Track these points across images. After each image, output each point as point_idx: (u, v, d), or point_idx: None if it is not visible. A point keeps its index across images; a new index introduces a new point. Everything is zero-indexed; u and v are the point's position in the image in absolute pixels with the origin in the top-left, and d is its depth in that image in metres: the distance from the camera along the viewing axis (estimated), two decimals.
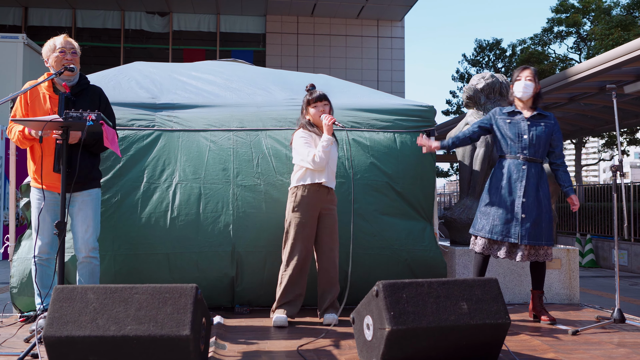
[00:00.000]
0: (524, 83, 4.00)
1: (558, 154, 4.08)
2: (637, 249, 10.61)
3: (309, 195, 3.87)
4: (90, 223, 3.55)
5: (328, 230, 3.93)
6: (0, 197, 10.21)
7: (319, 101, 3.97)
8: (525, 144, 3.95)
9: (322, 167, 3.85)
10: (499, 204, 3.96)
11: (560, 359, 3.03)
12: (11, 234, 4.45)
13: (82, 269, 3.56)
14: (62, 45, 3.47)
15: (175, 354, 2.54)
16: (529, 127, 3.97)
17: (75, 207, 3.52)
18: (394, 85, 18.84)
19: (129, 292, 2.65)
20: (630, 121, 12.47)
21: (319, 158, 3.79)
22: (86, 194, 3.55)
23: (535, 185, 3.94)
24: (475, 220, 4.12)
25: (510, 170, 3.97)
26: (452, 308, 2.80)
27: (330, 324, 3.73)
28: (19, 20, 17.97)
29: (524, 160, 3.95)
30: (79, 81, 3.57)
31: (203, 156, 4.35)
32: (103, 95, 3.68)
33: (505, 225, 3.91)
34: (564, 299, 4.97)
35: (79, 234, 3.54)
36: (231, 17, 18.76)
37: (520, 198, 3.91)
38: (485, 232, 3.99)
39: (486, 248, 4.02)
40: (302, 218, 3.86)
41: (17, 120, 3.28)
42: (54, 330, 2.54)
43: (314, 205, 3.88)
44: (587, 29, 20.44)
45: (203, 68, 5.40)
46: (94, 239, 3.57)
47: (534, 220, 3.89)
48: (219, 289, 4.21)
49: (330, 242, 3.94)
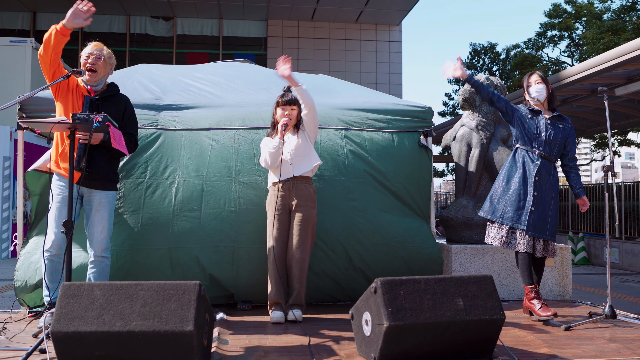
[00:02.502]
0: (536, 87, 4.08)
1: (571, 157, 4.14)
2: (628, 247, 10.61)
3: (274, 194, 3.95)
4: (105, 225, 3.59)
5: (295, 227, 3.89)
6: (9, 196, 10.21)
7: (287, 105, 3.99)
8: (542, 141, 4.00)
9: (272, 167, 3.95)
10: (512, 191, 3.99)
11: (553, 353, 3.03)
12: (19, 233, 4.45)
13: (94, 267, 3.60)
14: (89, 52, 3.56)
15: (179, 348, 2.54)
16: (548, 126, 4.03)
17: (92, 207, 3.57)
18: (392, 87, 18.83)
19: (134, 289, 2.65)
20: (621, 123, 12.46)
21: (265, 161, 3.94)
22: (104, 195, 3.59)
23: (547, 181, 3.99)
24: (485, 204, 4.13)
25: (525, 161, 4.02)
26: (448, 304, 2.80)
27: (296, 320, 3.75)
28: (28, 24, 17.96)
29: (539, 156, 3.99)
30: (109, 87, 3.65)
31: (205, 154, 4.35)
32: (129, 103, 3.75)
33: (516, 212, 3.95)
34: (557, 295, 4.96)
35: (94, 234, 3.58)
36: (233, 21, 18.75)
37: (532, 191, 3.94)
38: (495, 217, 4.02)
39: (505, 242, 4.01)
40: (271, 215, 3.93)
41: (25, 120, 3.31)
42: (61, 326, 2.54)
43: (280, 203, 3.90)
44: (579, 34, 20.46)
45: (205, 69, 5.40)
46: (107, 240, 3.62)
47: (541, 214, 3.93)
48: (220, 285, 4.20)
49: (294, 239, 3.88)
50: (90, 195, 3.57)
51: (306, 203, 3.92)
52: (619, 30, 17.05)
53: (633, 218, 10.81)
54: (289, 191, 3.91)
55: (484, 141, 5.16)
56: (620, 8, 18.55)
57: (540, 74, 4.13)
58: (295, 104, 4.00)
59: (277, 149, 3.85)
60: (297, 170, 3.91)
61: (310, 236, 3.95)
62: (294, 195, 3.90)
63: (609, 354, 3.04)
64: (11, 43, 12.37)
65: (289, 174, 3.90)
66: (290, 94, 4.04)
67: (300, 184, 3.92)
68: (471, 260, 4.94)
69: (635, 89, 8.72)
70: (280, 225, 3.90)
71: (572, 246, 11.65)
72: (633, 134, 22.60)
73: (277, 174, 3.92)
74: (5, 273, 8.12)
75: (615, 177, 4.01)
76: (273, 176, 3.99)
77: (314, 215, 3.95)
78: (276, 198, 3.92)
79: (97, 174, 3.48)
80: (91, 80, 3.55)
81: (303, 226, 3.89)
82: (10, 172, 10.16)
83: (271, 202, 3.96)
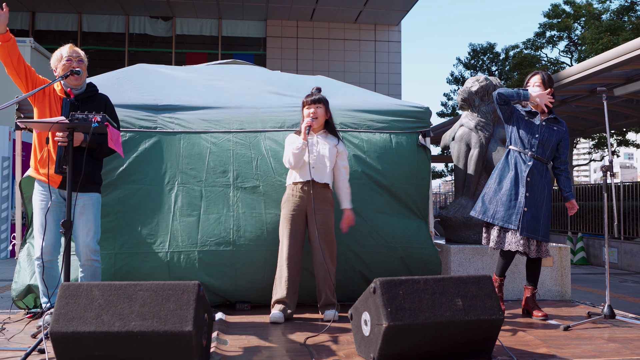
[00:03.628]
0: (534, 89, 4.05)
1: (563, 160, 4.14)
2: (626, 247, 10.61)
3: (292, 194, 3.94)
4: (92, 227, 3.52)
5: (317, 230, 3.87)
6: (7, 196, 10.20)
7: (312, 104, 3.98)
8: (535, 142, 4.01)
9: (294, 168, 3.92)
10: (503, 191, 4.01)
11: (552, 353, 3.03)
12: (17, 233, 4.45)
13: (84, 272, 3.53)
14: (69, 54, 3.49)
15: (178, 349, 2.54)
16: (543, 128, 4.03)
17: (76, 210, 3.47)
18: (391, 87, 18.84)
19: (133, 289, 2.64)
20: (619, 123, 12.47)
21: (288, 162, 3.91)
22: (87, 197, 3.52)
23: (539, 182, 3.99)
24: (477, 204, 4.15)
25: (517, 162, 4.03)
26: (447, 304, 2.80)
27: (330, 320, 3.73)
28: (27, 24, 17.95)
29: (531, 157, 4.00)
30: (87, 88, 3.59)
31: (204, 157, 4.34)
32: (109, 102, 3.69)
33: (507, 212, 3.97)
34: (556, 295, 4.97)
35: (80, 237, 3.50)
36: (232, 21, 18.75)
37: (524, 192, 3.95)
38: (487, 217, 4.04)
39: (498, 242, 4.02)
40: (286, 214, 3.91)
41: (23, 120, 3.29)
42: (60, 326, 2.53)
43: (298, 203, 3.90)
44: (578, 34, 20.47)
45: (204, 70, 5.39)
46: (95, 242, 3.54)
47: (534, 214, 3.94)
48: (219, 287, 4.19)
49: (317, 243, 3.87)
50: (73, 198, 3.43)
51: (325, 206, 3.92)
52: (618, 31, 17.06)
53: (632, 218, 10.82)
54: (307, 193, 3.90)
55: (483, 141, 5.16)
56: (619, 8, 18.56)
57: (543, 75, 4.08)
58: (321, 102, 3.99)
59: (300, 150, 3.84)
60: (317, 176, 3.91)
61: (333, 239, 3.95)
62: (312, 198, 3.88)
63: (607, 354, 3.04)
64: None
65: (309, 176, 3.89)
66: (317, 93, 4.03)
67: (319, 188, 3.92)
68: (470, 261, 4.95)
69: (634, 89, 8.73)
70: (294, 225, 3.89)
71: (571, 246, 11.65)
72: (632, 134, 22.64)
73: (299, 174, 3.92)
74: (4, 273, 8.10)
75: (614, 177, 4.01)
76: (295, 175, 3.97)
77: (332, 218, 3.97)
78: (293, 198, 3.91)
79: (77, 176, 3.26)
80: (78, 84, 3.51)
81: (324, 229, 3.89)
82: (9, 172, 10.15)
83: (287, 202, 3.95)
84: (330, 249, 3.93)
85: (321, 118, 3.98)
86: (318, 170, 3.91)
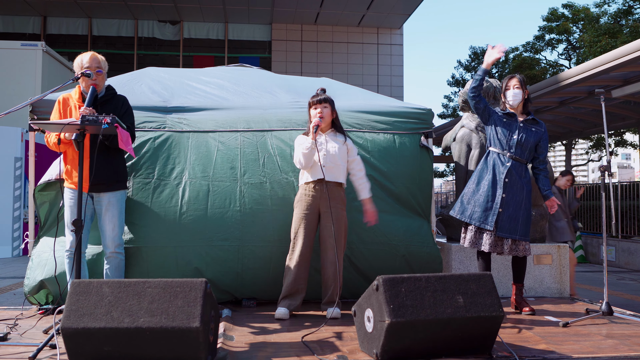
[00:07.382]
0: (513, 92, 4.08)
1: (541, 160, 4.15)
2: (624, 245, 10.58)
3: (305, 193, 3.93)
4: (116, 222, 3.66)
5: (327, 228, 3.88)
6: (20, 196, 10.24)
7: (319, 104, 3.97)
8: (514, 143, 4.01)
9: (305, 168, 3.90)
10: (481, 192, 4.02)
11: (551, 349, 3.02)
12: (30, 231, 4.47)
13: (109, 263, 3.69)
14: (88, 65, 3.55)
15: (185, 344, 2.54)
16: (521, 129, 4.04)
17: (102, 207, 3.63)
18: (393, 90, 18.81)
19: (142, 286, 2.65)
20: (617, 124, 12.42)
21: (299, 162, 3.89)
22: (112, 195, 3.65)
23: (517, 183, 3.99)
24: (456, 204, 4.17)
25: (495, 163, 4.03)
26: (448, 301, 2.80)
27: (330, 317, 3.72)
28: (38, 28, 18.00)
29: (510, 158, 4.00)
30: (107, 91, 3.67)
31: (212, 155, 4.35)
32: (126, 101, 3.76)
33: (484, 213, 3.98)
34: (555, 292, 4.95)
35: (106, 232, 3.65)
36: (239, 25, 18.76)
37: (500, 193, 3.96)
38: (464, 217, 4.06)
39: (473, 242, 4.04)
40: (299, 214, 3.90)
41: (36, 122, 3.31)
42: (71, 322, 2.54)
43: (310, 203, 3.89)
44: (576, 37, 20.39)
45: (211, 73, 5.40)
46: (120, 236, 3.71)
47: (510, 215, 3.95)
48: (226, 283, 4.20)
49: (330, 240, 3.87)
50: (99, 196, 3.63)
51: (337, 205, 3.90)
52: (616, 34, 16.98)
53: (629, 217, 10.79)
54: (320, 192, 3.90)
55: (483, 142, 5.15)
56: (617, 12, 18.47)
57: (520, 78, 4.08)
58: (327, 102, 3.99)
59: (310, 150, 3.83)
60: (328, 175, 3.89)
61: (344, 237, 3.94)
62: (324, 197, 3.87)
63: (605, 350, 3.03)
64: (22, 47, 12.43)
65: (320, 175, 3.87)
66: (322, 94, 4.03)
67: (331, 187, 3.90)
68: (471, 259, 4.93)
69: (632, 91, 8.69)
70: (307, 224, 3.88)
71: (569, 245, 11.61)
72: (629, 135, 22.53)
73: (310, 173, 3.91)
74: (17, 270, 8.14)
75: (611, 177, 4.00)
76: (306, 175, 3.95)
77: (344, 217, 3.94)
78: (306, 197, 3.91)
79: (100, 178, 3.50)
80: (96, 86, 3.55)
81: (335, 227, 3.86)
82: (22, 173, 10.18)
83: (300, 201, 3.94)
84: (342, 247, 3.94)
85: (328, 117, 3.98)
86: (329, 169, 3.89)
